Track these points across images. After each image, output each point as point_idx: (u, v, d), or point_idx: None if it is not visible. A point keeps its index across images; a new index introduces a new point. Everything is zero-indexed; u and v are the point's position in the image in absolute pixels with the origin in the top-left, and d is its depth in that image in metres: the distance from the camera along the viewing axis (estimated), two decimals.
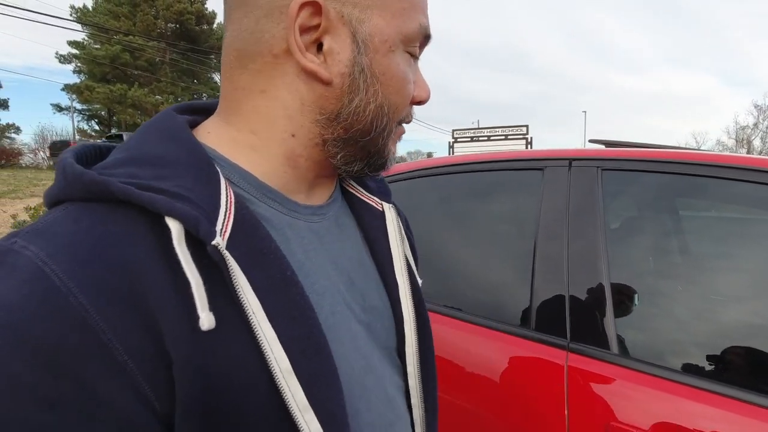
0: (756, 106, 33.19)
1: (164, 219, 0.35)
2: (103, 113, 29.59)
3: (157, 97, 26.49)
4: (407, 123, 0.51)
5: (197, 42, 28.34)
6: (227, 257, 0.36)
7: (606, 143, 1.50)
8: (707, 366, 0.98)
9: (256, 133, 0.45)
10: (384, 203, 0.58)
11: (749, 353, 0.98)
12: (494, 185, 1.43)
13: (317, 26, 0.42)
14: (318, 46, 0.43)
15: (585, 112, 39.43)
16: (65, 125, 49.79)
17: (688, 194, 1.31)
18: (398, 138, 0.51)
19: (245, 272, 0.37)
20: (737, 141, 33.86)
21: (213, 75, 30.34)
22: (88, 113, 30.50)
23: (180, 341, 0.34)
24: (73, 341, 0.31)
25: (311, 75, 0.43)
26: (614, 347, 1.01)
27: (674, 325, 1.10)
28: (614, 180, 1.18)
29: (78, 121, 30.74)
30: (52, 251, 0.33)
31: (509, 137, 13.48)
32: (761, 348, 0.99)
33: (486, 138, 13.84)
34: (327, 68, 0.43)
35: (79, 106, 29.60)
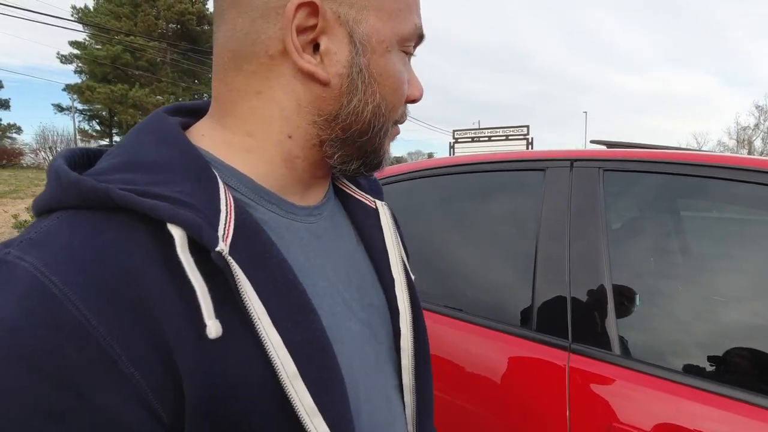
0: (757, 107, 33.14)
1: (165, 226, 0.35)
2: (104, 113, 29.58)
3: (158, 98, 26.49)
4: (401, 123, 0.51)
5: (198, 42, 28.35)
6: (232, 263, 0.36)
7: (607, 144, 1.50)
8: (708, 367, 0.98)
9: (252, 135, 0.44)
10: (377, 201, 0.58)
11: (750, 354, 0.97)
12: (496, 186, 1.43)
13: (314, 27, 0.42)
14: (314, 47, 0.43)
15: (586, 113, 39.42)
16: (66, 125, 49.94)
17: (690, 195, 1.30)
18: (393, 138, 0.51)
19: (249, 278, 0.37)
20: (738, 142, 33.81)
21: None
22: (89, 113, 30.51)
23: (187, 350, 0.33)
24: (77, 354, 0.30)
25: (308, 76, 0.43)
26: (616, 348, 1.01)
27: (676, 326, 1.09)
28: (616, 181, 1.18)
29: (79, 122, 30.80)
30: (50, 261, 0.32)
31: (510, 138, 13.47)
32: (762, 349, 0.98)
33: (487, 138, 13.83)
34: (324, 69, 0.43)
35: (80, 107, 29.64)
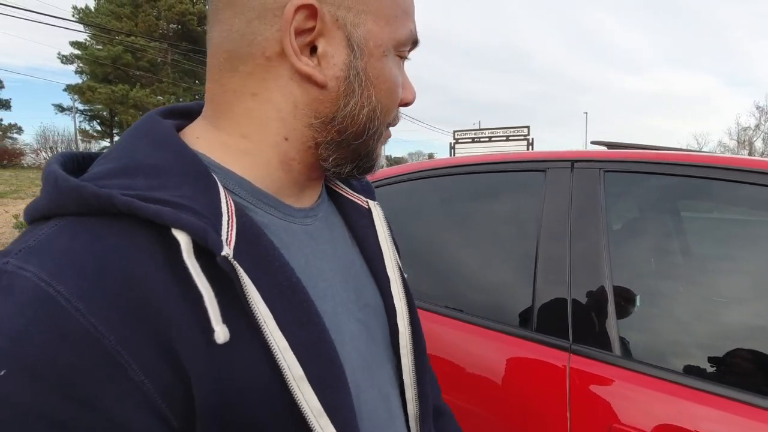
0: (758, 108, 33.15)
1: (169, 231, 0.34)
2: (105, 114, 29.61)
3: (159, 98, 26.51)
4: (394, 125, 0.52)
5: (199, 43, 28.33)
6: (238, 268, 0.36)
7: (608, 145, 1.50)
8: (709, 368, 0.98)
9: (248, 137, 0.44)
10: (369, 201, 0.59)
11: (751, 355, 0.97)
12: (497, 187, 1.43)
13: (312, 29, 0.42)
14: (311, 50, 0.43)
15: (586, 113, 39.42)
16: (67, 126, 49.91)
17: (690, 196, 1.30)
18: (385, 141, 0.52)
19: (253, 281, 0.37)
20: (739, 142, 33.80)
21: None
22: (90, 114, 30.54)
23: (196, 356, 0.33)
24: (86, 364, 0.30)
25: (305, 78, 0.43)
26: (616, 349, 1.01)
27: (676, 327, 1.09)
28: (616, 181, 1.18)
29: (80, 122, 30.85)
30: (53, 271, 0.31)
31: (510, 138, 13.47)
32: (763, 350, 0.98)
33: (487, 139, 13.83)
34: (321, 71, 0.43)
35: (81, 107, 29.67)
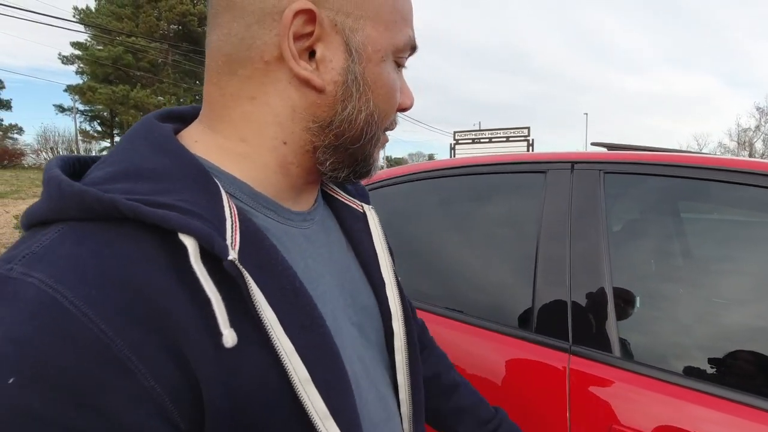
0: (758, 109, 33.15)
1: (174, 236, 0.34)
2: (106, 114, 29.63)
3: (160, 98, 26.52)
4: (391, 130, 0.52)
5: (200, 43, 28.35)
6: (244, 272, 0.36)
7: (608, 146, 1.50)
8: (710, 369, 0.98)
9: (246, 141, 0.44)
10: (364, 205, 0.59)
11: (751, 356, 0.97)
12: (497, 188, 1.43)
13: (311, 34, 0.42)
14: (310, 54, 0.43)
15: (586, 114, 39.40)
16: (68, 126, 49.91)
17: (690, 197, 1.30)
18: (382, 145, 0.52)
19: (258, 285, 0.37)
20: (739, 143, 33.80)
21: None
22: (91, 114, 30.56)
23: (205, 361, 0.33)
24: (96, 371, 0.30)
25: (304, 82, 0.43)
26: (616, 350, 1.01)
27: (676, 328, 1.09)
28: (616, 183, 1.18)
29: (80, 122, 30.85)
30: (60, 277, 0.31)
31: (511, 139, 13.46)
32: (763, 351, 0.98)
33: (487, 140, 13.82)
34: (320, 76, 0.43)
35: (82, 107, 29.69)
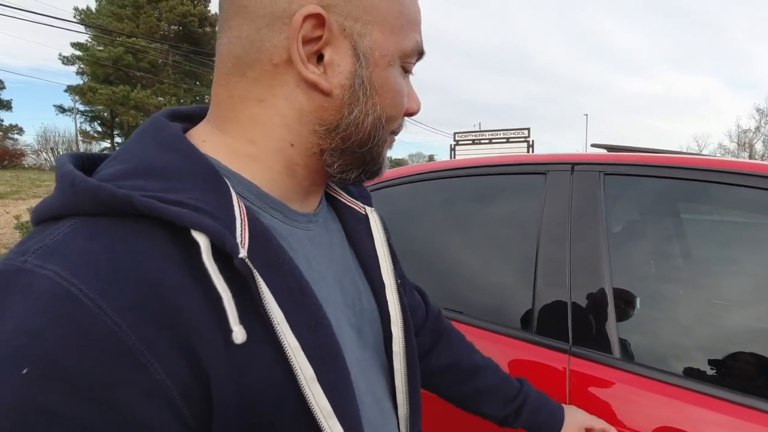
0: (758, 110, 33.14)
1: (187, 233, 0.35)
2: (106, 115, 29.64)
3: (160, 99, 26.52)
4: (397, 134, 0.52)
5: (200, 44, 28.40)
6: (254, 270, 0.36)
7: (608, 148, 1.50)
8: (710, 370, 0.98)
9: (254, 142, 0.45)
10: (366, 207, 0.60)
11: (751, 357, 0.98)
12: (497, 189, 1.43)
13: (319, 38, 0.42)
14: (318, 58, 0.43)
15: (586, 115, 39.28)
16: (68, 126, 49.94)
17: (690, 199, 1.31)
18: (390, 146, 0.52)
19: (267, 284, 0.37)
20: (739, 144, 33.79)
21: None
22: (91, 115, 30.56)
23: (216, 357, 0.34)
24: (110, 364, 0.30)
25: (311, 85, 0.43)
26: (616, 351, 1.01)
27: (677, 330, 1.10)
28: (616, 184, 1.18)
29: (80, 123, 30.85)
30: (75, 270, 0.31)
31: (511, 140, 13.46)
32: (764, 353, 0.99)
33: (488, 141, 13.82)
34: (327, 79, 0.43)
35: (82, 108, 29.69)
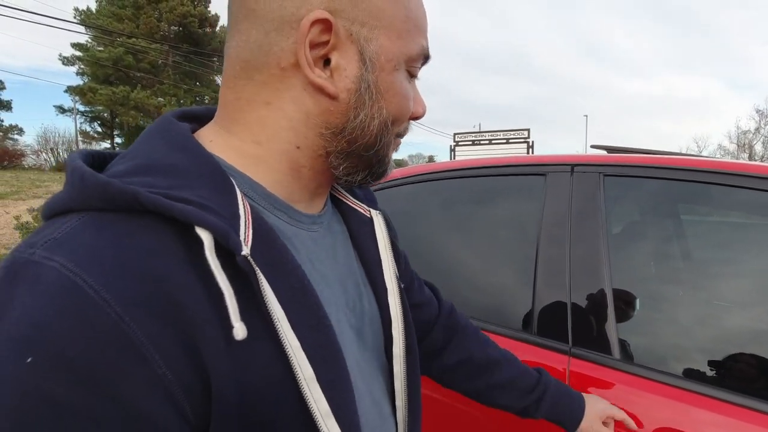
0: (758, 111, 33.10)
1: (192, 229, 0.35)
2: (106, 115, 29.64)
3: (160, 99, 26.51)
4: (403, 137, 0.53)
5: (200, 45, 28.41)
6: (256, 268, 0.37)
7: (608, 149, 1.50)
8: (710, 372, 0.98)
9: (261, 144, 0.45)
10: (371, 210, 0.60)
11: (752, 359, 0.98)
12: (497, 190, 1.43)
13: (326, 43, 0.43)
14: (325, 62, 0.44)
15: (586, 116, 39.26)
16: (68, 127, 49.99)
17: (689, 200, 1.31)
18: (395, 148, 0.53)
19: (269, 282, 0.37)
20: (739, 146, 33.76)
21: (215, 78, 30.39)
22: (91, 115, 30.56)
23: (217, 355, 0.34)
24: (114, 356, 0.30)
25: (318, 89, 0.44)
26: (616, 352, 1.01)
27: (676, 331, 1.10)
28: (616, 185, 1.19)
29: (80, 123, 30.83)
30: (81, 263, 0.32)
31: (511, 141, 13.46)
32: (764, 354, 0.99)
33: (488, 142, 13.82)
34: (334, 83, 0.44)
35: (82, 108, 29.68)
